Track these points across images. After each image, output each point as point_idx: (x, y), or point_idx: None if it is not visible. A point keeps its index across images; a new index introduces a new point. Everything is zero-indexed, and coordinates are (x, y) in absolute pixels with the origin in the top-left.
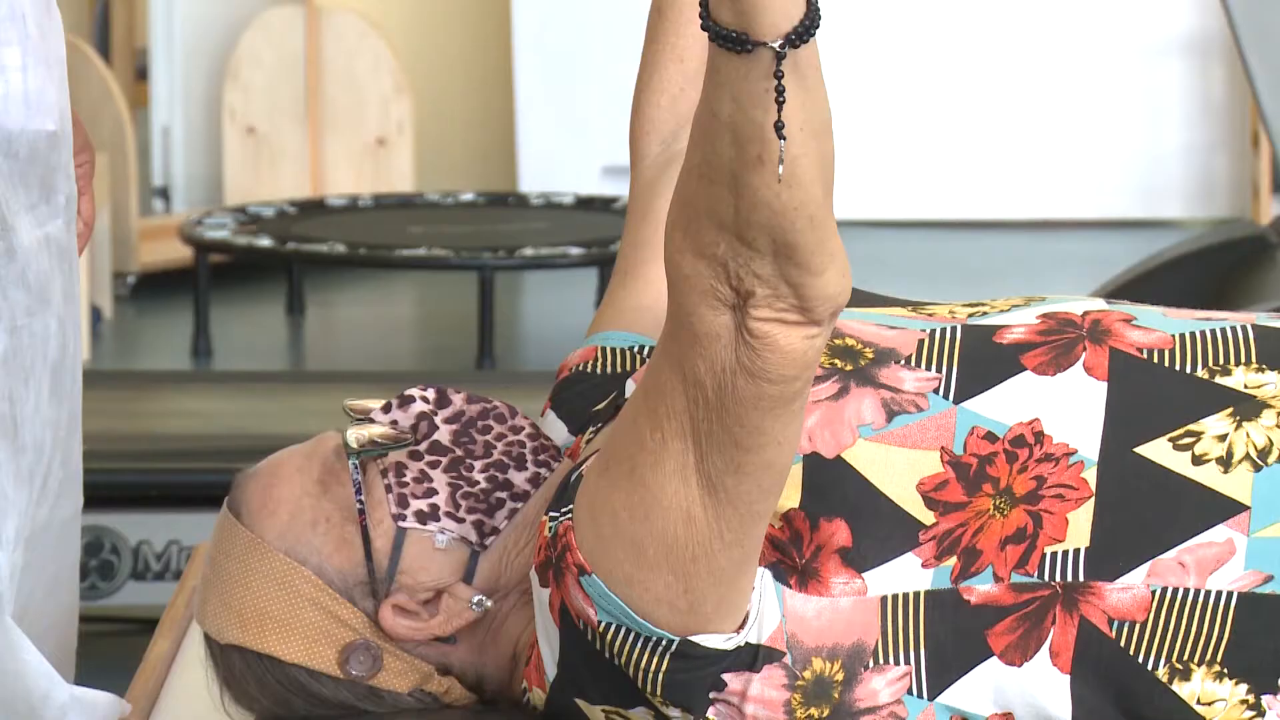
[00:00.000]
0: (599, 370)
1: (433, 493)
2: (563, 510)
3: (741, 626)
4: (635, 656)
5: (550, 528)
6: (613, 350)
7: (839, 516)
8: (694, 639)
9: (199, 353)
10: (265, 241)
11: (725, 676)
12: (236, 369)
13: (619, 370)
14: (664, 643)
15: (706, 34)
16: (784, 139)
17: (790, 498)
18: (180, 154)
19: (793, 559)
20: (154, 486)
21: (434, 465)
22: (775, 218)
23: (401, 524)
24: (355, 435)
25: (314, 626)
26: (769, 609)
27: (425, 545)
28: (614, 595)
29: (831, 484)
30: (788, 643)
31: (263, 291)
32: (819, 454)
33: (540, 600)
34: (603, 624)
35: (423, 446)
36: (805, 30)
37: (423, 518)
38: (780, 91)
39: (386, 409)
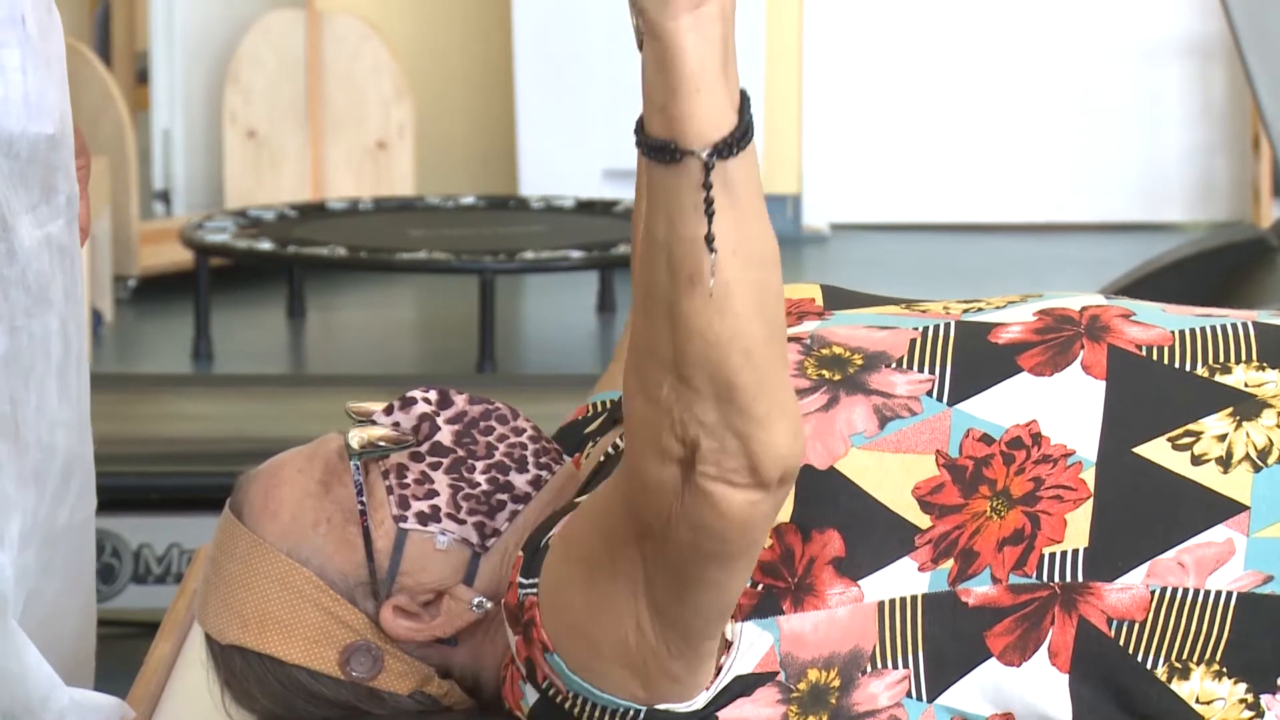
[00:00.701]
0: (591, 417)
1: (434, 494)
2: (530, 581)
3: (715, 676)
4: None
5: (519, 596)
6: (604, 402)
7: (831, 527)
8: (662, 707)
9: (200, 356)
10: (266, 245)
11: (718, 714)
12: (237, 372)
13: (610, 407)
14: (632, 713)
15: (640, 151)
16: (714, 251)
17: (783, 513)
18: (181, 157)
19: (785, 579)
20: (155, 490)
21: (435, 467)
22: (709, 350)
23: (403, 525)
24: (357, 437)
25: (315, 627)
26: (754, 644)
27: (426, 546)
28: (575, 677)
29: (824, 495)
30: (782, 662)
31: (263, 295)
32: (811, 466)
33: (510, 638)
34: (570, 695)
35: (424, 448)
36: (736, 141)
37: (424, 519)
38: (709, 204)
39: (388, 411)
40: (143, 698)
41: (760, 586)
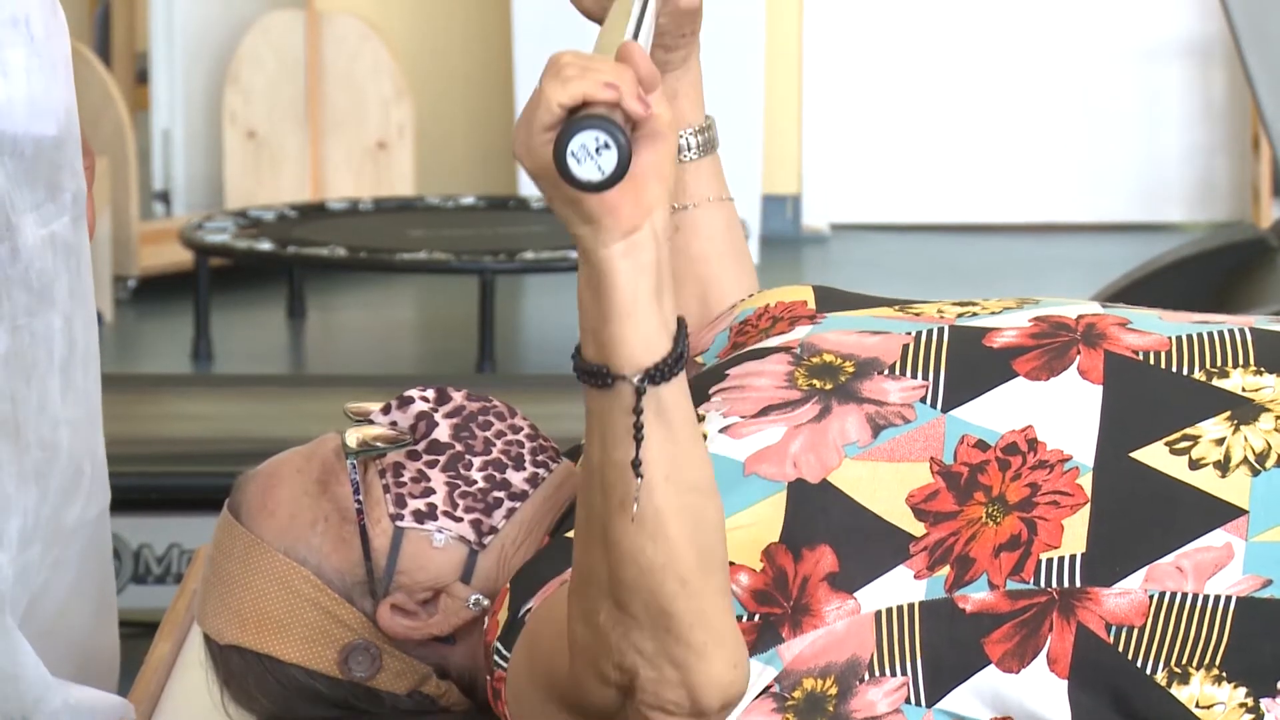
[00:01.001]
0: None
1: (430, 492)
2: (504, 654)
3: None
4: None
5: (495, 664)
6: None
7: (823, 542)
8: None
9: (199, 356)
10: (266, 245)
11: None
12: (237, 372)
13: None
14: None
15: (576, 375)
16: (640, 476)
17: (771, 529)
18: (181, 158)
19: (781, 604)
20: (155, 490)
21: (432, 465)
22: (642, 576)
23: (399, 524)
24: (354, 436)
25: (313, 627)
26: (756, 676)
27: (423, 545)
28: None
29: (816, 510)
30: (777, 679)
31: (263, 295)
32: (804, 480)
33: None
34: None
35: (421, 447)
36: (669, 367)
37: (420, 517)
38: (639, 430)
39: (386, 410)
40: (142, 698)
41: (757, 618)
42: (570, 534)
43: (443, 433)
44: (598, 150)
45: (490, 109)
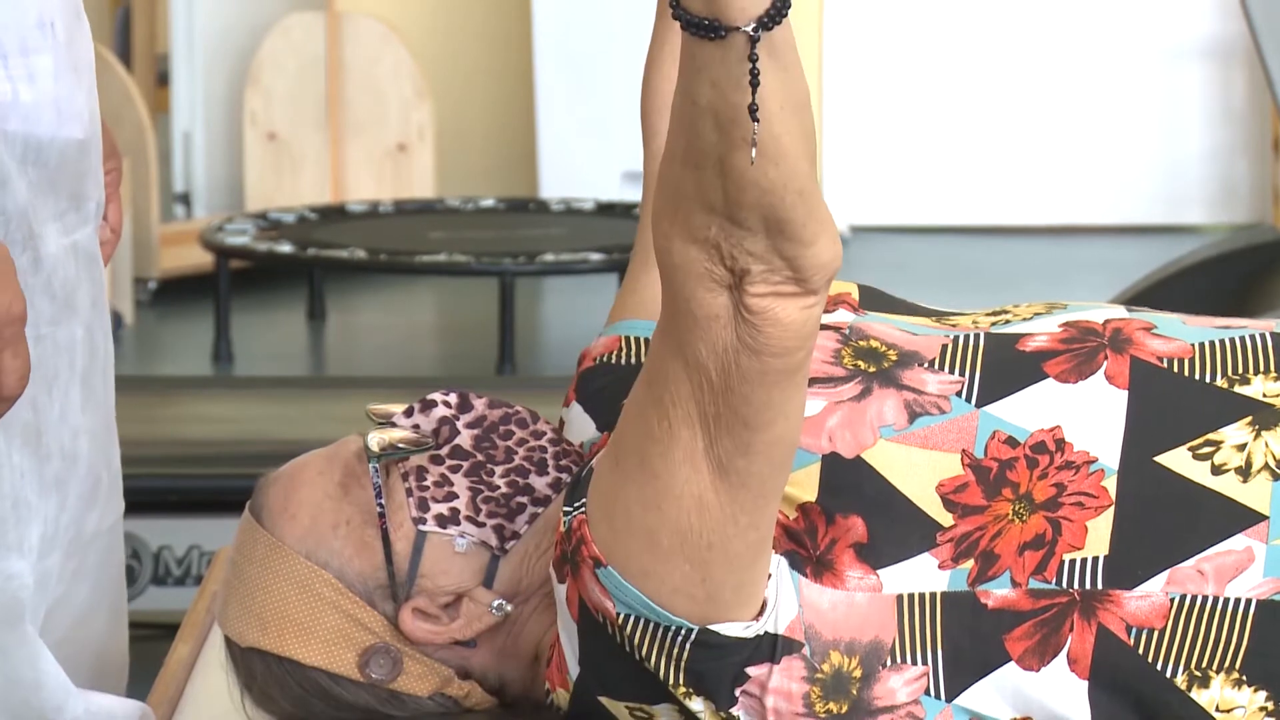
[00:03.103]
0: (623, 361)
1: (453, 496)
2: (576, 504)
3: (760, 614)
4: (656, 647)
5: (565, 522)
6: (637, 340)
7: (855, 513)
8: (713, 627)
9: (220, 358)
10: (286, 247)
11: (748, 669)
12: (257, 374)
13: (643, 360)
14: (684, 632)
15: (679, 23)
16: (757, 121)
17: (807, 491)
18: (201, 160)
19: (807, 548)
20: (175, 491)
21: (455, 469)
22: (765, 196)
23: (422, 527)
24: (376, 439)
25: (334, 630)
26: (785, 598)
27: (445, 549)
28: (631, 586)
29: (849, 483)
30: (806, 634)
31: (283, 297)
32: (838, 454)
33: (559, 596)
34: (621, 616)
35: (444, 451)
36: (777, 13)
37: (443, 521)
38: (755, 75)
39: (408, 413)
40: (162, 700)
41: (782, 551)
42: None
43: (464, 441)
44: None
45: (510, 111)
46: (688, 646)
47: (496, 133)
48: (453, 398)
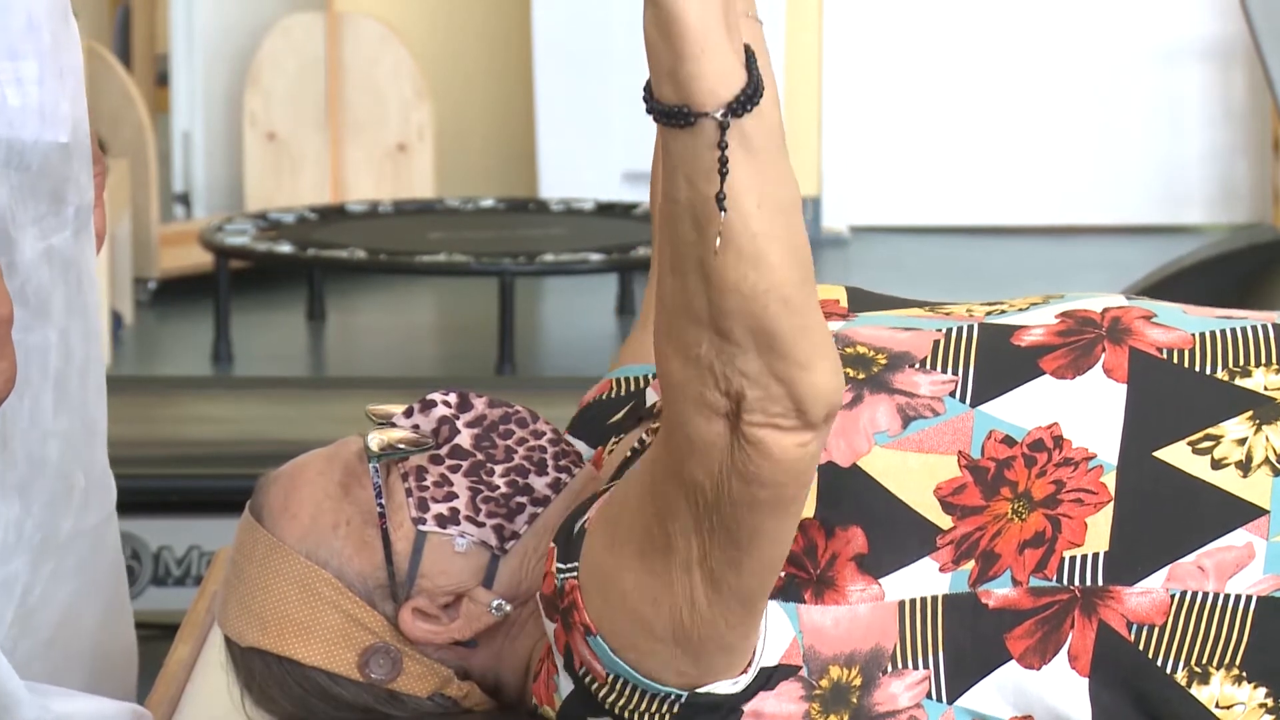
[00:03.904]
0: (614, 396)
1: (453, 496)
2: (569, 566)
3: (749, 664)
4: (644, 707)
5: (558, 580)
6: (627, 379)
7: (855, 524)
8: (702, 690)
9: (220, 358)
10: (286, 247)
11: (743, 706)
12: (257, 375)
13: (635, 389)
14: (672, 696)
15: (651, 116)
16: (724, 211)
17: (806, 509)
18: (201, 160)
19: (808, 571)
20: (175, 492)
21: (455, 469)
22: (746, 303)
23: (421, 527)
24: (376, 439)
25: (334, 629)
26: (777, 632)
27: (445, 549)
28: (620, 661)
29: (847, 493)
30: (804, 657)
31: (283, 297)
32: (834, 463)
33: (548, 630)
34: (610, 676)
35: (444, 451)
36: (748, 99)
37: (443, 521)
38: (724, 163)
39: (408, 413)
40: (162, 700)
41: (782, 574)
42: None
43: (464, 440)
44: None
45: (510, 111)
46: (677, 707)
47: (496, 133)
48: (452, 397)
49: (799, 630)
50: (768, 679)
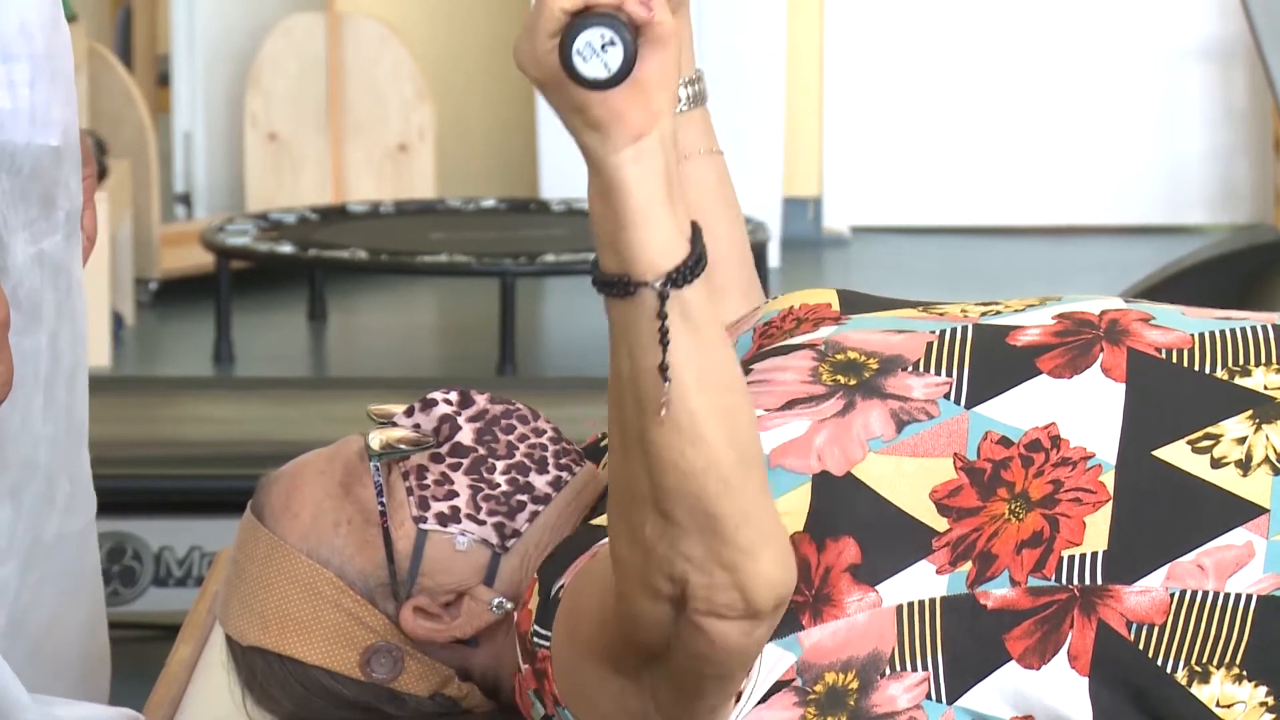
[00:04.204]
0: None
1: (454, 495)
2: (545, 633)
3: (737, 699)
4: None
5: (533, 644)
6: None
7: (846, 534)
8: None
9: (221, 359)
10: (287, 248)
11: None
12: (258, 375)
13: None
14: None
15: (595, 287)
16: (668, 380)
17: (796, 519)
18: (202, 160)
19: (803, 593)
20: (176, 492)
21: (455, 468)
22: (685, 481)
23: (422, 526)
24: (377, 438)
25: (335, 628)
26: (773, 665)
27: (446, 547)
28: None
29: (840, 502)
30: (798, 670)
31: (284, 298)
32: (828, 472)
33: (519, 664)
34: None
35: (444, 449)
36: (689, 270)
37: (443, 520)
38: (664, 334)
39: (409, 413)
40: (163, 700)
41: None
42: (595, 521)
43: (466, 436)
44: (603, 48)
45: (511, 111)
46: None
47: (497, 133)
48: (454, 395)
49: (798, 652)
50: (761, 699)
